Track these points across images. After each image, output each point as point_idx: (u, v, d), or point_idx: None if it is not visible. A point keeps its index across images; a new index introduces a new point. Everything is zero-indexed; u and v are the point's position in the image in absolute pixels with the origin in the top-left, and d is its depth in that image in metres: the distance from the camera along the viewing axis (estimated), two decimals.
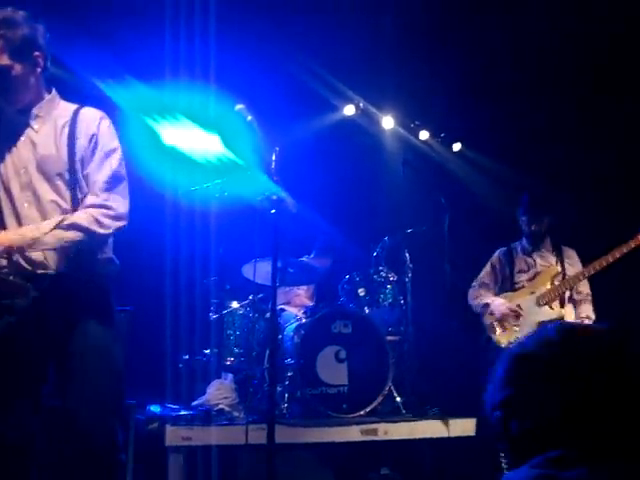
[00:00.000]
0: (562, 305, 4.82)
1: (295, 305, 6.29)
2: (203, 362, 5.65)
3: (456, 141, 7.78)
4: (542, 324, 4.70)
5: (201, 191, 5.65)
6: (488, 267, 5.36)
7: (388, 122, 7.64)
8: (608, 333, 1.37)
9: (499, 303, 5.00)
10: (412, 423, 5.14)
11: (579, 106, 6.63)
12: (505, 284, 5.11)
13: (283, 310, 6.02)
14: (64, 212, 2.90)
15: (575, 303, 4.95)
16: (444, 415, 5.29)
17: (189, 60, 5.98)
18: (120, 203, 2.95)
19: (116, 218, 2.93)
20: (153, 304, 5.83)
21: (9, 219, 2.90)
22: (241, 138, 3.80)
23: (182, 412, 5.02)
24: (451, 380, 6.05)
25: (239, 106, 3.48)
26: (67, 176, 2.91)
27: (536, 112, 6.88)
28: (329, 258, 6.33)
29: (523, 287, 4.93)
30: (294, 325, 5.52)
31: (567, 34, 6.30)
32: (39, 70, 2.94)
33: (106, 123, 3.02)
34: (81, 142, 2.94)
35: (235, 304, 5.76)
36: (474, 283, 5.37)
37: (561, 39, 6.38)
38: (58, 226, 2.79)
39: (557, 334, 1.38)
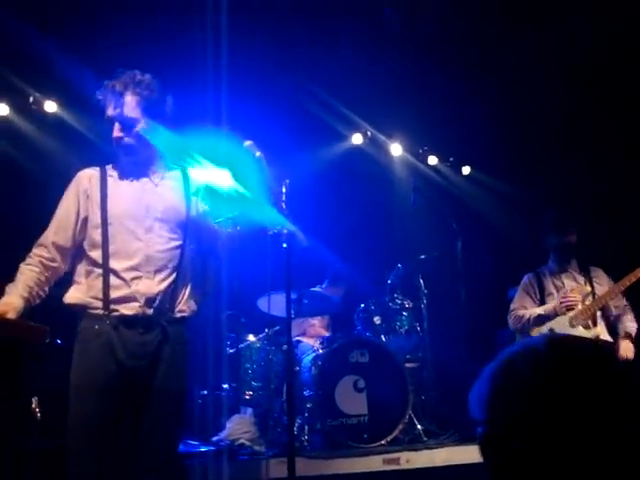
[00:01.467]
0: (594, 324, 4.79)
1: (310, 336, 6.29)
2: (222, 397, 5.65)
3: (465, 164, 7.81)
4: None
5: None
6: (522, 292, 5.25)
7: (396, 149, 7.70)
8: (597, 347, 1.31)
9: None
10: (434, 450, 5.10)
11: (587, 130, 6.65)
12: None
13: (299, 342, 6.02)
14: (176, 257, 3.20)
15: (612, 320, 4.91)
16: (466, 441, 5.26)
17: (198, 95, 6.06)
18: None
19: None
20: None
21: (129, 254, 3.12)
22: (251, 173, 3.84)
23: (202, 448, 5.01)
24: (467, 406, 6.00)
25: (247, 142, 3.52)
26: (182, 227, 3.26)
27: (545, 134, 6.90)
28: (342, 287, 6.34)
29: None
30: (311, 356, 5.52)
31: (575, 63, 6.36)
32: (159, 133, 3.27)
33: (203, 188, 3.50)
34: (196, 204, 3.38)
35: (251, 337, 5.79)
36: (512, 310, 5.21)
37: (570, 67, 6.43)
38: None
39: (545, 346, 1.30)
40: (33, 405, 3.75)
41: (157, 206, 3.21)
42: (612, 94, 6.47)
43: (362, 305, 5.94)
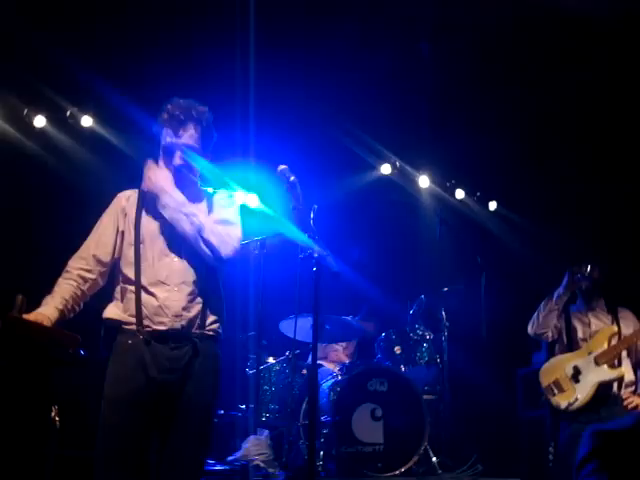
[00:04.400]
0: (619, 364, 4.78)
1: (332, 360, 6.31)
2: (239, 417, 5.67)
3: (491, 200, 7.84)
4: (602, 384, 4.68)
5: (241, 247, 5.73)
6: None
7: (424, 181, 7.75)
8: None
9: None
10: None
11: (614, 163, 6.66)
12: (563, 345, 5.06)
13: (320, 366, 6.03)
14: (202, 271, 3.25)
15: (638, 363, 4.90)
16: (480, 476, 5.25)
17: (229, 123, 6.18)
18: None
19: None
20: None
21: (158, 272, 3.18)
22: (281, 198, 3.89)
23: (217, 467, 5.03)
24: (488, 440, 5.98)
25: (282, 167, 3.56)
26: None
27: (571, 169, 6.92)
28: (373, 323, 6.35)
29: (579, 347, 4.89)
30: (330, 382, 5.54)
31: (602, 96, 6.40)
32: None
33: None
34: None
35: (272, 360, 5.81)
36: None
37: (596, 100, 6.47)
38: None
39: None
40: (53, 413, 3.80)
41: None
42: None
43: (383, 334, 5.96)
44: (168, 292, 3.15)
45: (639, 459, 1.35)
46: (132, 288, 3.16)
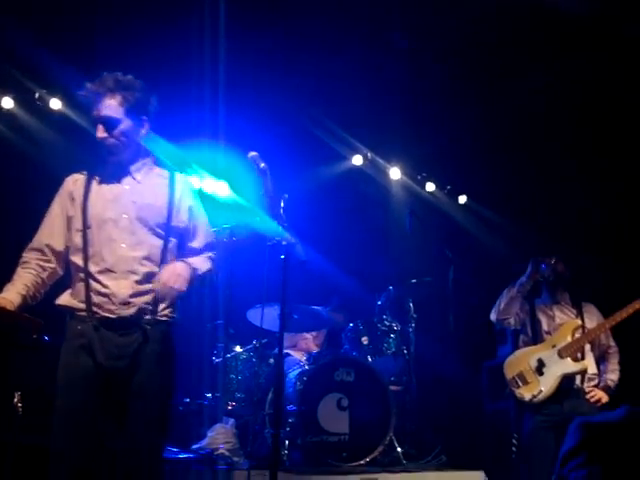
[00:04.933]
0: (583, 357, 4.83)
1: (301, 349, 6.29)
2: (205, 406, 5.65)
3: (462, 193, 7.88)
4: (565, 377, 4.72)
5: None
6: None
7: (395, 173, 7.76)
8: None
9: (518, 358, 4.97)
10: (412, 474, 5.10)
11: (582, 161, 6.73)
12: (524, 330, 5.10)
13: (287, 355, 6.03)
14: (155, 257, 3.20)
15: (600, 356, 4.95)
16: (444, 467, 5.28)
17: (200, 111, 6.13)
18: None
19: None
20: None
21: (103, 257, 3.14)
22: (251, 184, 3.87)
23: (182, 455, 5.00)
24: (453, 432, 6.03)
25: (252, 153, 3.55)
26: (162, 226, 3.24)
27: (541, 166, 6.98)
28: (343, 314, 6.34)
29: (543, 340, 4.93)
30: (297, 371, 5.53)
31: (570, 95, 6.46)
32: (143, 132, 3.32)
33: (195, 192, 3.47)
34: (180, 205, 3.33)
35: (239, 348, 5.80)
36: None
37: (565, 99, 6.52)
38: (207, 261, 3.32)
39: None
40: (15, 400, 3.75)
41: (136, 205, 3.22)
42: (614, 126, 6.55)
43: (351, 324, 5.96)
44: (115, 280, 3.12)
45: (631, 452, 1.36)
46: (82, 275, 3.14)
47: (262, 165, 3.50)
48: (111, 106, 3.20)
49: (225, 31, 5.95)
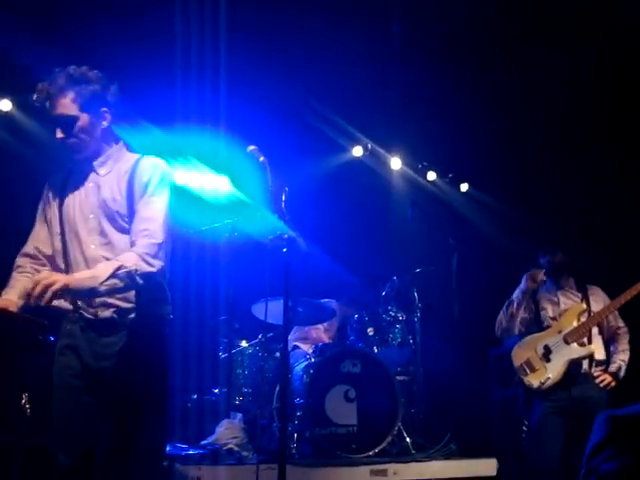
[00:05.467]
0: (590, 341, 4.81)
1: (312, 341, 6.26)
2: (212, 401, 5.66)
3: (463, 182, 7.86)
4: (572, 362, 4.72)
5: (211, 230, 5.72)
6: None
7: (396, 163, 7.75)
8: None
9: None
10: (422, 463, 5.11)
11: (587, 149, 6.71)
12: (532, 324, 5.09)
13: (296, 348, 6.03)
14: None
15: (610, 338, 4.93)
16: (454, 455, 5.29)
17: (199, 104, 6.11)
18: (159, 245, 3.05)
19: (156, 256, 3.02)
20: None
21: (77, 260, 3.08)
22: (251, 178, 3.86)
23: (191, 451, 5.01)
24: (461, 420, 6.03)
25: (251, 147, 3.54)
26: (127, 219, 3.10)
27: (542, 152, 6.96)
28: (354, 308, 6.33)
29: (549, 326, 4.92)
30: (303, 364, 5.53)
31: (571, 83, 6.44)
32: (105, 124, 3.17)
33: (159, 171, 3.18)
34: (136, 188, 3.12)
35: (244, 343, 5.80)
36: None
37: (565, 87, 6.50)
38: (113, 275, 2.90)
39: None
40: (23, 401, 3.76)
41: (100, 202, 3.11)
42: (615, 113, 6.53)
43: (356, 316, 5.96)
44: None
45: None
46: None
47: (261, 159, 3.48)
48: (65, 104, 3.06)
49: (226, 23, 5.91)
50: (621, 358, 4.87)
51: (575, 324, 4.80)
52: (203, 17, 5.87)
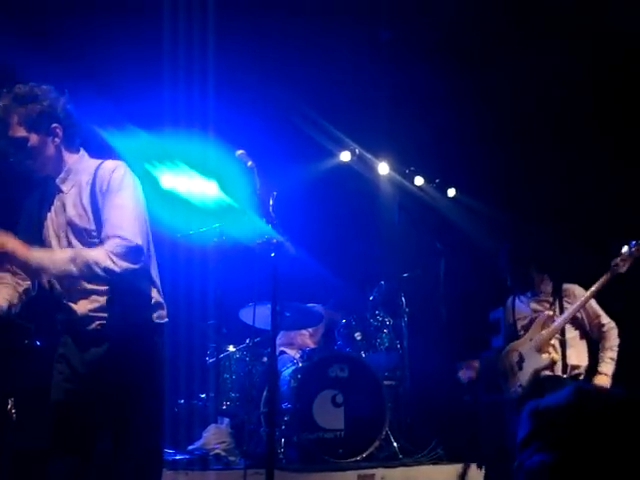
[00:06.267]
0: (563, 347, 4.80)
1: (298, 346, 6.27)
2: (199, 406, 5.64)
3: (450, 187, 7.89)
4: (538, 371, 4.72)
5: (199, 235, 5.71)
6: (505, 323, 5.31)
7: (383, 168, 7.76)
8: (619, 404, 1.39)
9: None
10: (410, 468, 5.11)
11: (570, 149, 6.74)
12: (511, 333, 5.09)
13: (282, 353, 6.03)
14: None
15: (597, 338, 4.90)
16: (441, 460, 5.29)
17: (187, 108, 6.10)
18: (131, 247, 2.97)
19: (124, 257, 2.94)
20: None
21: (53, 280, 3.08)
22: (239, 183, 3.86)
23: (178, 456, 4.99)
24: (449, 425, 6.03)
25: (239, 152, 3.54)
26: (94, 233, 3.05)
27: (529, 157, 6.99)
28: (340, 313, 6.33)
29: (524, 335, 4.94)
30: (291, 369, 5.52)
31: (556, 84, 6.48)
32: (57, 140, 3.10)
33: (119, 171, 3.10)
34: (99, 197, 3.06)
35: (232, 348, 5.79)
36: None
37: (550, 88, 6.54)
38: (71, 260, 2.88)
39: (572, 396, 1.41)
40: (9, 406, 3.74)
41: (67, 220, 3.09)
42: (601, 117, 6.57)
43: (344, 320, 5.96)
44: (72, 299, 3.08)
45: (582, 434, 1.36)
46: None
47: (249, 163, 3.49)
48: (13, 126, 3.00)
49: (214, 26, 5.90)
50: (609, 356, 4.79)
51: (543, 332, 4.81)
52: (192, 20, 5.86)
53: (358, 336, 5.81)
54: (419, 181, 7.90)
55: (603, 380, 4.70)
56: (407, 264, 6.35)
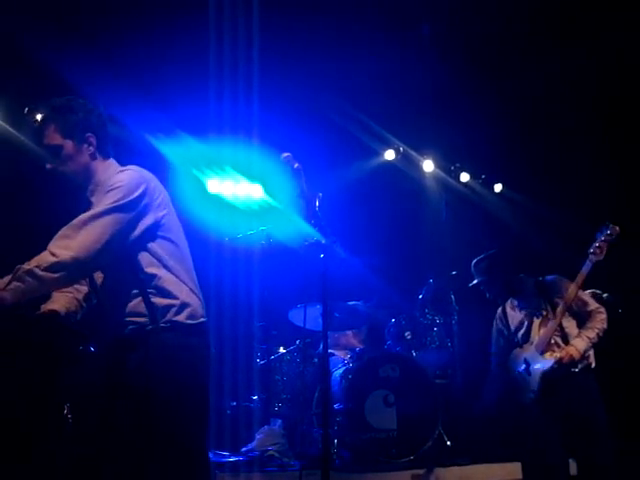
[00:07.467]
0: (566, 343, 4.70)
1: (343, 347, 6.27)
2: (251, 408, 5.68)
3: (497, 182, 7.81)
4: (545, 373, 4.63)
5: (246, 238, 5.75)
6: (494, 334, 5.20)
7: (428, 165, 7.72)
8: None
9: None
10: (463, 467, 5.08)
11: (615, 146, 6.63)
12: (512, 343, 5.00)
13: (331, 354, 6.03)
14: (133, 280, 3.03)
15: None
16: (495, 459, 5.24)
17: (232, 114, 6.15)
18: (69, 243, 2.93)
19: (69, 247, 2.89)
20: None
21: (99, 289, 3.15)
22: (285, 185, 3.87)
23: (231, 458, 5.03)
24: (501, 423, 5.96)
25: (285, 154, 3.54)
26: None
27: (576, 152, 6.88)
28: (384, 311, 6.31)
29: (523, 340, 4.86)
30: (341, 369, 5.52)
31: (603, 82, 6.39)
32: (92, 149, 3.16)
33: (121, 176, 3.10)
34: None
35: (282, 349, 5.81)
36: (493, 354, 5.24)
37: (595, 81, 6.44)
38: (14, 278, 2.84)
39: None
40: (65, 411, 3.81)
41: None
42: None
43: (393, 320, 5.94)
44: (102, 306, 3.15)
45: None
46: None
47: (296, 165, 3.49)
48: (49, 134, 3.11)
49: (259, 30, 5.94)
50: (586, 334, 4.60)
51: (541, 333, 4.72)
52: (236, 29, 5.91)
53: (408, 335, 5.78)
54: (465, 177, 7.83)
55: (571, 350, 4.56)
56: (456, 262, 6.29)
